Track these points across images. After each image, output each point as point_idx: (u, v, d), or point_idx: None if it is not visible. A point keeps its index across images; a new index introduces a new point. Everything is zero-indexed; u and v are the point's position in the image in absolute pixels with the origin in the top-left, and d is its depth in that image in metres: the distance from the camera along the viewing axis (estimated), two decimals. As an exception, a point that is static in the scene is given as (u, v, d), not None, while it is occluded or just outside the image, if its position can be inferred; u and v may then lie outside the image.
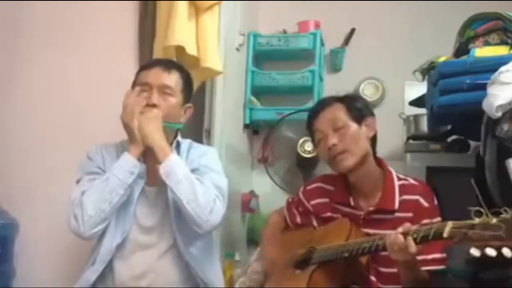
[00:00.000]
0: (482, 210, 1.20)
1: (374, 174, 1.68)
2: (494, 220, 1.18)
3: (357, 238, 1.56)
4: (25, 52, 2.42)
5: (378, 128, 1.74)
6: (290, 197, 1.94)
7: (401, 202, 1.63)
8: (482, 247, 1.19)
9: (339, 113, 1.68)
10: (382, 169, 1.71)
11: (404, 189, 1.66)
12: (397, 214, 1.60)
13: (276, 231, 1.89)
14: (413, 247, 1.36)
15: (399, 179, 1.69)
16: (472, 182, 1.30)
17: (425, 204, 1.60)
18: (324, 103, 1.75)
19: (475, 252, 1.20)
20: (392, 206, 1.62)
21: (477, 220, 1.21)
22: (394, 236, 1.40)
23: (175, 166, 1.64)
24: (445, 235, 1.29)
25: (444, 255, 1.59)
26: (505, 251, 1.16)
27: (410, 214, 1.60)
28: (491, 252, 1.17)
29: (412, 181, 1.69)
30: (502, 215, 1.17)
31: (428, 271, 1.56)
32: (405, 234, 1.38)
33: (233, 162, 2.64)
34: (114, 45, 2.37)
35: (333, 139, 1.65)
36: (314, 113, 1.74)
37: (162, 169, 1.63)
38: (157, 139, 1.66)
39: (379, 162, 1.72)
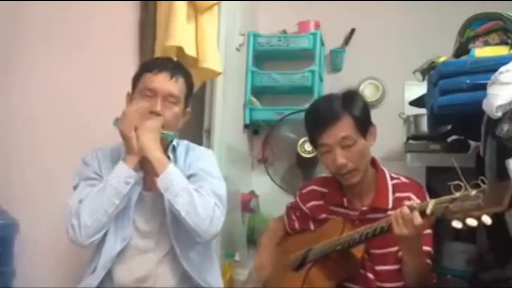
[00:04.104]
0: (461, 184, 1.22)
1: (368, 175, 1.69)
2: (474, 192, 1.20)
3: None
4: (24, 53, 2.41)
5: (378, 128, 1.74)
6: (289, 203, 1.94)
7: (394, 200, 1.65)
8: (463, 218, 1.20)
9: (349, 130, 1.61)
10: (375, 168, 1.72)
11: (396, 188, 1.67)
12: (390, 212, 1.59)
13: (273, 238, 1.90)
14: (418, 219, 1.37)
15: (392, 178, 1.71)
16: (452, 160, 1.33)
17: (417, 200, 1.60)
18: (332, 116, 1.63)
19: (457, 224, 1.22)
20: (385, 205, 1.64)
21: (457, 194, 1.23)
22: (399, 209, 1.42)
23: (173, 179, 1.62)
24: (428, 212, 1.32)
25: (430, 249, 1.60)
26: (485, 218, 1.18)
27: None
28: (472, 222, 1.19)
29: (404, 179, 1.71)
30: (480, 187, 1.20)
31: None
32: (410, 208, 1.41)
33: (233, 162, 2.64)
34: (114, 45, 2.37)
35: (342, 159, 1.61)
36: (321, 126, 1.63)
37: (160, 182, 1.62)
38: (154, 151, 1.63)
39: (371, 161, 1.73)
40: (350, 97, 1.68)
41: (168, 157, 1.71)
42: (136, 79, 1.75)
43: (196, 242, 1.67)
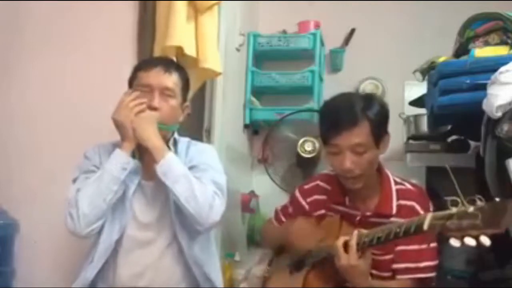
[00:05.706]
0: (457, 199, 1.19)
1: (371, 178, 1.67)
2: (471, 209, 1.17)
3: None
4: (23, 52, 2.41)
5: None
6: (279, 206, 1.94)
7: (397, 206, 1.63)
8: (461, 237, 1.18)
9: (364, 137, 1.56)
10: (379, 172, 1.70)
11: (401, 194, 1.66)
12: (393, 219, 1.59)
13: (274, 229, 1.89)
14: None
15: (396, 183, 1.69)
16: (447, 167, 1.31)
17: (421, 211, 1.59)
18: (350, 119, 1.57)
19: (454, 243, 1.19)
20: (389, 211, 1.63)
21: (454, 210, 1.20)
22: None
23: (172, 165, 1.64)
24: (425, 227, 1.29)
25: (436, 262, 1.60)
26: (483, 239, 1.15)
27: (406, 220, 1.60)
28: (470, 241, 1.17)
29: (408, 185, 1.69)
30: (477, 204, 1.17)
31: (421, 278, 1.59)
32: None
33: (233, 162, 2.64)
34: (114, 45, 2.37)
35: (350, 164, 1.57)
36: (338, 127, 1.58)
37: (159, 169, 1.63)
38: (153, 139, 1.65)
39: None
40: (372, 103, 1.63)
41: (169, 148, 1.72)
42: (131, 81, 1.77)
43: (198, 233, 1.68)
